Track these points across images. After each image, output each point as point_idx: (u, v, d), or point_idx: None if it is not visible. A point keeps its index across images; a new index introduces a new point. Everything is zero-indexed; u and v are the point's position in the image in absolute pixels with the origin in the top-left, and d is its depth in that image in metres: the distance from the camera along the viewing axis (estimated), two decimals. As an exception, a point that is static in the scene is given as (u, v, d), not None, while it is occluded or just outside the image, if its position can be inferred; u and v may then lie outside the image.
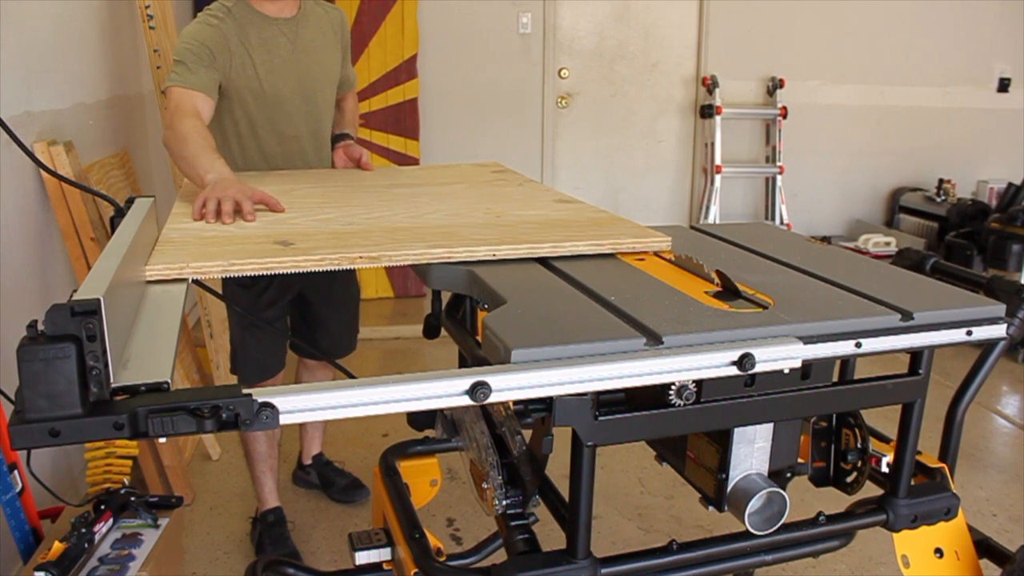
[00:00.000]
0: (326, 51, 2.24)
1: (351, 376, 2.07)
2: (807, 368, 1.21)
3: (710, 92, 5.16)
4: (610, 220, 1.63)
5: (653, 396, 1.15)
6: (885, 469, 1.44)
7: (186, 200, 1.71)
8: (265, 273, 1.30)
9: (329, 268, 1.32)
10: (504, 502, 1.29)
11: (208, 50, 2.00)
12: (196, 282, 1.41)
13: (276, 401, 0.91)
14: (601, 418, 1.12)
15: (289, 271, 1.30)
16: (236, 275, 1.28)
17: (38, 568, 1.63)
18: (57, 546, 1.70)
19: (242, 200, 1.54)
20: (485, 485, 1.31)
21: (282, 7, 2.13)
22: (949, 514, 1.41)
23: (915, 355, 1.31)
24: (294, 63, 2.15)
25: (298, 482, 2.79)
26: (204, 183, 1.67)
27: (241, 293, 2.19)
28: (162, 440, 2.14)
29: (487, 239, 1.44)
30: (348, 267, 1.33)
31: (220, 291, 2.21)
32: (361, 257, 1.33)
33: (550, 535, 1.33)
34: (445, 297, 1.67)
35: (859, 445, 1.41)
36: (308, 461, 2.77)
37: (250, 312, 2.21)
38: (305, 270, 1.31)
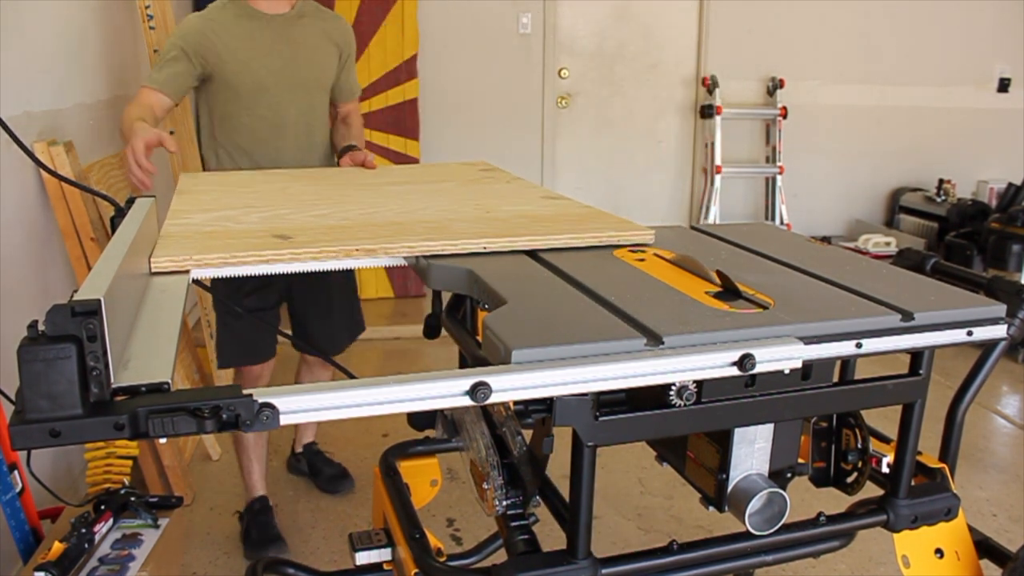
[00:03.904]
0: (318, 51, 2.39)
1: (351, 376, 2.07)
2: (807, 368, 1.20)
3: (710, 92, 5.16)
4: (594, 215, 1.67)
5: (653, 396, 1.14)
6: (885, 469, 1.44)
7: (184, 196, 1.76)
8: (264, 265, 1.33)
9: (327, 261, 1.35)
10: (504, 502, 1.29)
11: (180, 48, 2.22)
12: (196, 282, 1.41)
13: (276, 401, 0.91)
14: (601, 418, 1.12)
15: (288, 263, 1.34)
16: (237, 267, 1.31)
17: (38, 568, 1.63)
18: (57, 546, 1.70)
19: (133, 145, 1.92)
20: (485, 485, 1.30)
21: (271, 5, 2.31)
22: (949, 514, 1.41)
23: (915, 355, 1.31)
24: (277, 55, 2.31)
25: (291, 469, 2.90)
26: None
27: (220, 282, 2.27)
28: (162, 440, 2.16)
29: (480, 232, 1.47)
30: (345, 260, 1.36)
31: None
32: (359, 250, 1.36)
33: (550, 535, 1.33)
34: (445, 297, 1.66)
35: (859, 445, 1.41)
36: (299, 449, 2.88)
37: (230, 299, 2.29)
38: (304, 263, 1.35)
